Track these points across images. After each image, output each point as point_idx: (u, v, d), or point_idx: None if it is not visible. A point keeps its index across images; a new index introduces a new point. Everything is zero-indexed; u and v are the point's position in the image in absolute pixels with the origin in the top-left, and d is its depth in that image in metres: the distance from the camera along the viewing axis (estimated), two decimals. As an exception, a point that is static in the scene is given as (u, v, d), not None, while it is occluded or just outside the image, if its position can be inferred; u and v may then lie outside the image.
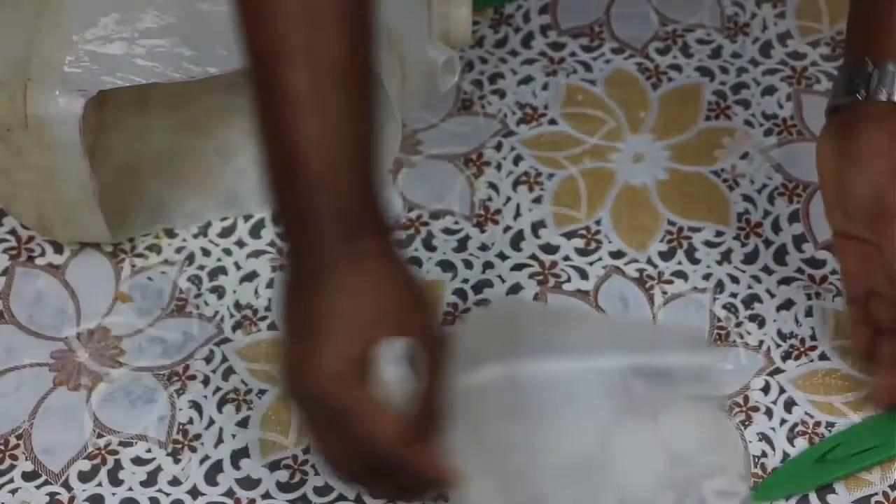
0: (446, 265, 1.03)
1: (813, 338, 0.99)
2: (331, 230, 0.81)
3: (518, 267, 1.03)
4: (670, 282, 1.02)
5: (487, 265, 1.03)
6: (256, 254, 1.04)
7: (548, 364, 0.87)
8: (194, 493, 0.93)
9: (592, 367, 0.88)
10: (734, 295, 1.01)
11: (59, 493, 0.93)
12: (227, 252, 1.04)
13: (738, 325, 1.00)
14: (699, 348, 0.91)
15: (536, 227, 1.05)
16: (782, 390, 0.97)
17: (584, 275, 1.03)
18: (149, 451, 0.95)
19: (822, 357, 0.98)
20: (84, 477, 0.94)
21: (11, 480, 0.94)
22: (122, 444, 0.95)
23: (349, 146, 0.81)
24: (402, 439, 0.80)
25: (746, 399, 0.96)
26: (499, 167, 1.09)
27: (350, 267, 0.81)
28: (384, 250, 0.82)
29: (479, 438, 0.85)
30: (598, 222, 1.05)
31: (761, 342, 0.99)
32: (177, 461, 0.94)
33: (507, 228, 1.05)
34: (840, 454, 0.92)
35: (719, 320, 1.00)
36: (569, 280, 1.02)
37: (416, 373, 0.81)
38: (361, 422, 0.80)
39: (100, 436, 0.96)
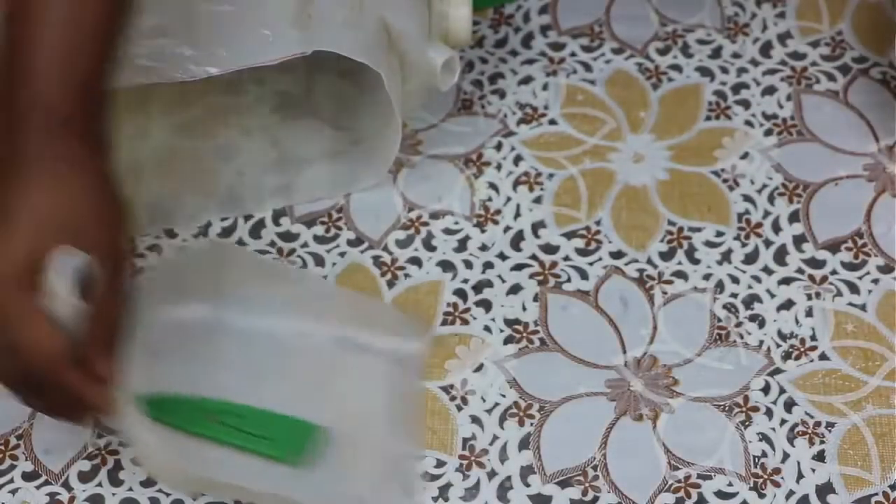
0: (446, 265, 1.03)
1: (813, 338, 0.99)
2: (33, 120, 0.79)
3: (518, 267, 1.03)
4: (670, 282, 1.02)
5: (487, 265, 1.03)
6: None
7: (252, 318, 0.89)
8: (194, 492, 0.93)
9: (295, 329, 0.90)
10: (734, 295, 1.01)
11: (59, 493, 0.93)
12: (227, 252, 1.04)
13: (738, 325, 1.00)
14: (413, 336, 0.95)
15: (536, 227, 1.05)
16: (782, 390, 0.97)
17: (584, 275, 1.03)
18: (149, 451, 0.95)
19: (822, 357, 0.98)
20: (84, 477, 0.94)
21: (11, 480, 0.94)
22: (122, 444, 0.95)
23: (82, 40, 0.79)
24: (60, 357, 0.78)
25: (746, 399, 0.96)
26: (499, 167, 1.09)
27: (44, 165, 0.78)
28: (87, 156, 0.80)
29: (165, 373, 0.86)
30: (598, 222, 1.05)
31: (761, 342, 0.99)
32: (177, 461, 0.94)
33: (507, 228, 1.05)
34: (230, 422, 0.91)
35: (719, 320, 1.00)
36: (569, 280, 1.02)
37: (89, 292, 0.78)
38: (19, 330, 0.78)
39: (100, 436, 0.95)
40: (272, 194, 1.06)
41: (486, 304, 1.01)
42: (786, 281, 1.02)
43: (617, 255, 1.03)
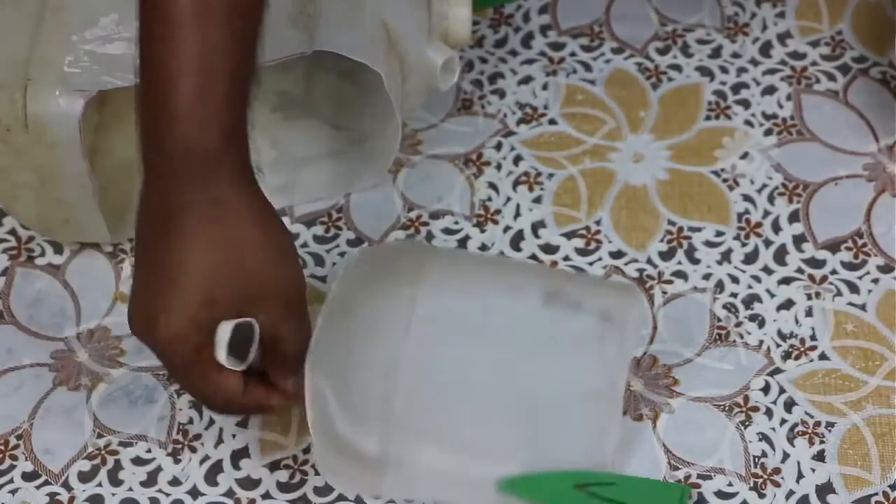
0: (446, 265, 1.03)
1: (813, 338, 0.99)
2: (188, 164, 0.79)
3: (518, 267, 1.03)
4: (670, 282, 1.02)
5: (487, 265, 1.03)
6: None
7: (456, 298, 0.88)
8: (194, 493, 0.93)
9: (504, 292, 0.88)
10: (734, 295, 1.01)
11: (59, 494, 0.93)
12: (227, 252, 1.04)
13: (738, 325, 1.00)
14: (620, 292, 0.92)
15: (536, 227, 1.05)
16: (782, 390, 0.97)
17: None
18: (149, 451, 0.95)
19: (822, 357, 0.98)
20: (84, 477, 0.94)
21: (11, 480, 0.94)
22: (122, 444, 0.95)
23: (221, 77, 0.79)
24: (235, 396, 0.82)
25: (746, 399, 0.96)
26: (499, 167, 1.09)
27: (205, 212, 0.79)
28: (244, 196, 0.80)
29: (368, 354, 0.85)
30: (598, 222, 1.05)
31: (761, 342, 0.99)
32: (177, 461, 0.94)
33: (507, 228, 1.05)
34: (602, 493, 0.89)
35: (719, 320, 1.00)
36: (569, 280, 1.02)
37: (254, 348, 0.81)
38: (197, 384, 0.81)
39: (100, 436, 0.96)
40: (272, 194, 1.05)
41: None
42: (786, 281, 1.02)
43: (617, 255, 1.03)
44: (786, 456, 0.94)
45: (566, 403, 0.87)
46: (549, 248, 1.04)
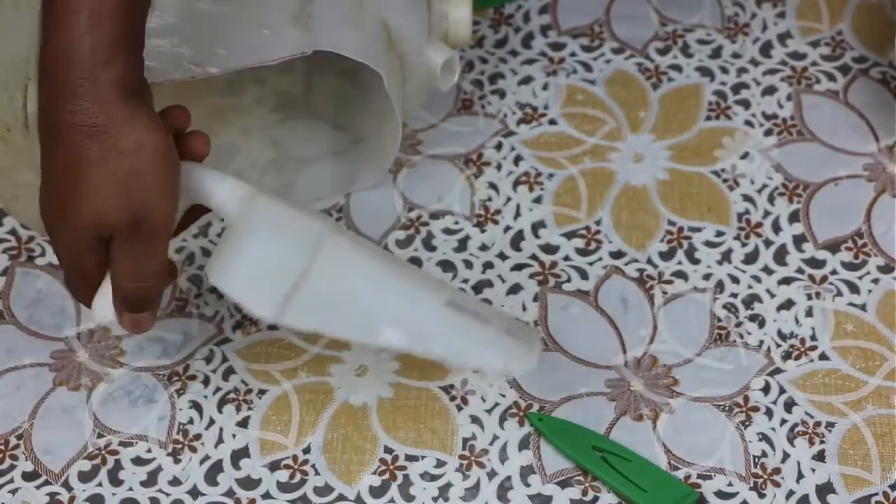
0: (446, 265, 1.03)
1: (813, 338, 0.99)
2: (63, 77, 0.80)
3: (518, 267, 1.03)
4: (670, 282, 1.02)
5: (487, 265, 1.03)
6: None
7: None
8: (194, 493, 0.93)
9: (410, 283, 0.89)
10: (734, 295, 1.01)
11: (59, 493, 0.93)
12: (227, 252, 1.04)
13: (738, 325, 1.00)
14: (523, 326, 0.93)
15: (536, 227, 1.05)
16: (782, 390, 0.97)
17: (584, 275, 1.03)
18: (149, 451, 0.95)
19: (822, 357, 0.98)
20: (84, 477, 0.94)
21: (11, 480, 0.94)
22: (122, 444, 0.95)
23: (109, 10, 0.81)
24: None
25: (746, 399, 0.96)
26: (499, 167, 1.09)
27: (76, 139, 0.81)
28: (114, 117, 0.81)
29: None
30: (598, 222, 1.05)
31: (761, 342, 0.99)
32: (177, 461, 0.94)
33: (507, 228, 1.05)
34: (614, 462, 0.93)
35: (719, 320, 1.00)
36: (569, 280, 1.02)
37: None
38: (73, 284, 0.87)
39: (100, 436, 0.96)
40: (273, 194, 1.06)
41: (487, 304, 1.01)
42: (786, 281, 1.02)
43: (617, 255, 1.03)
44: (786, 456, 0.94)
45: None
46: (549, 248, 1.04)
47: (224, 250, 0.87)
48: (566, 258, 1.04)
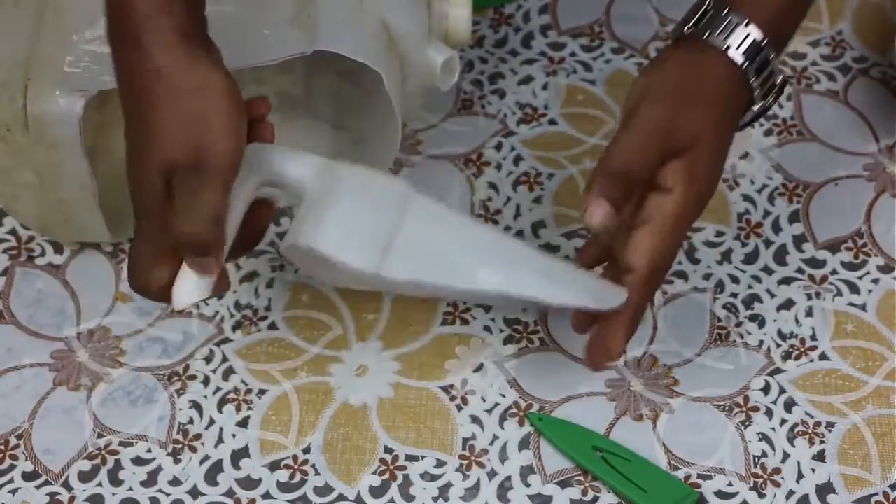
0: (446, 265, 1.03)
1: (813, 338, 0.99)
2: (123, 31, 0.82)
3: (518, 267, 1.03)
4: (670, 282, 1.02)
5: (487, 265, 1.03)
6: (256, 254, 1.04)
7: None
8: (194, 493, 0.93)
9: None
10: (734, 295, 1.01)
11: (59, 493, 0.93)
12: (228, 252, 1.04)
13: (738, 325, 1.00)
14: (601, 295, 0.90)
15: (536, 227, 1.05)
16: (782, 390, 0.97)
17: (584, 275, 1.02)
18: (149, 451, 0.95)
19: (822, 357, 0.98)
20: (84, 477, 0.94)
21: (11, 480, 0.94)
22: (122, 444, 0.95)
23: None
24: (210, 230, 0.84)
25: (746, 399, 0.96)
26: (499, 167, 1.09)
27: (145, 86, 0.82)
28: (179, 64, 0.82)
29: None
30: (598, 222, 1.05)
31: (761, 342, 0.99)
32: (177, 461, 0.95)
33: (507, 228, 1.05)
34: (614, 462, 0.93)
35: (719, 320, 1.00)
36: (569, 280, 1.02)
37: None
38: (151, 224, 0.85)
39: (100, 436, 0.96)
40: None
41: (486, 304, 1.01)
42: (786, 281, 1.02)
43: (617, 255, 1.03)
44: (786, 456, 0.94)
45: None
46: (550, 249, 1.04)
47: (311, 216, 0.87)
48: (566, 258, 1.03)
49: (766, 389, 0.97)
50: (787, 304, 1.01)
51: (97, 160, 1.01)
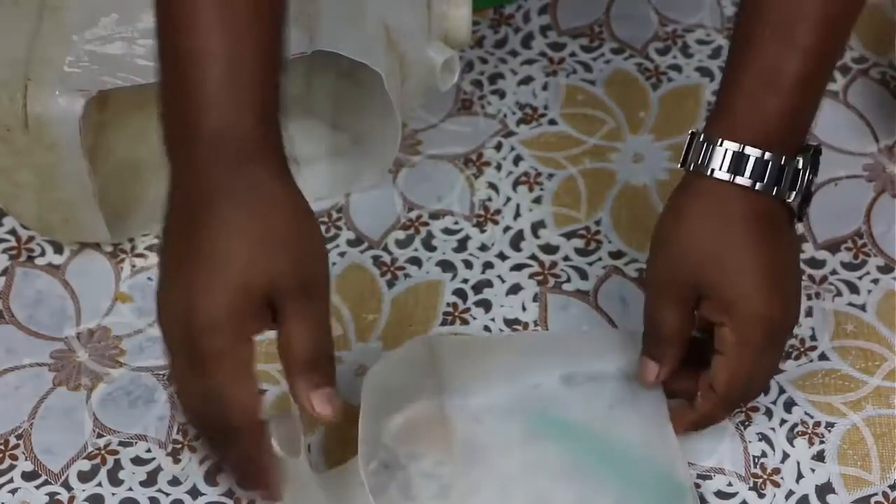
0: (446, 265, 1.03)
1: (813, 338, 0.99)
2: (218, 152, 0.77)
3: (518, 267, 1.03)
4: (670, 282, 1.02)
5: (487, 265, 1.03)
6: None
7: (474, 398, 0.91)
8: (194, 493, 0.93)
9: (522, 386, 0.90)
10: (734, 295, 1.01)
11: (59, 493, 0.93)
12: (227, 252, 1.04)
13: (738, 325, 1.00)
14: (629, 347, 0.93)
15: (536, 227, 1.05)
16: (782, 390, 0.97)
17: (583, 275, 1.03)
18: (149, 451, 0.95)
19: (822, 357, 0.98)
20: (84, 477, 0.94)
21: (11, 480, 0.94)
22: (122, 444, 0.95)
23: (251, 58, 0.77)
24: (250, 414, 0.80)
25: (746, 399, 0.96)
26: (499, 167, 1.09)
27: (238, 200, 0.77)
28: (277, 185, 0.79)
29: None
30: (597, 222, 1.05)
31: (761, 342, 0.99)
32: (177, 461, 0.94)
33: (507, 228, 1.05)
34: (615, 460, 0.92)
35: (719, 320, 1.00)
36: (568, 280, 1.02)
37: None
38: (221, 379, 0.79)
39: (100, 436, 0.96)
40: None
41: (486, 304, 1.01)
42: (786, 281, 1.02)
43: (617, 255, 1.03)
44: (786, 456, 0.94)
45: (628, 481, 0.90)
46: (549, 249, 1.04)
47: None
48: (566, 258, 1.04)
49: (765, 389, 0.96)
50: (787, 304, 1.01)
51: (97, 160, 1.01)
